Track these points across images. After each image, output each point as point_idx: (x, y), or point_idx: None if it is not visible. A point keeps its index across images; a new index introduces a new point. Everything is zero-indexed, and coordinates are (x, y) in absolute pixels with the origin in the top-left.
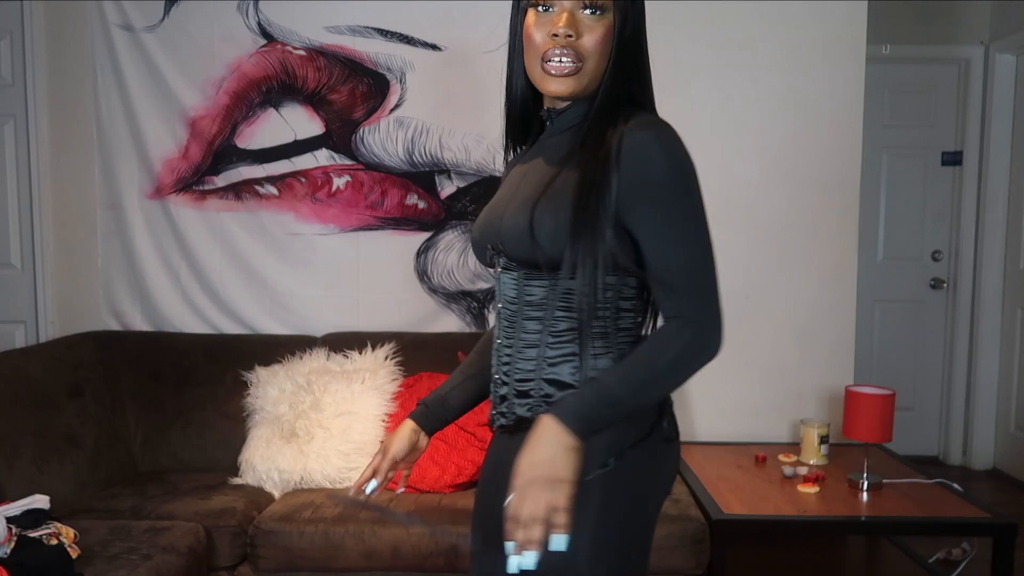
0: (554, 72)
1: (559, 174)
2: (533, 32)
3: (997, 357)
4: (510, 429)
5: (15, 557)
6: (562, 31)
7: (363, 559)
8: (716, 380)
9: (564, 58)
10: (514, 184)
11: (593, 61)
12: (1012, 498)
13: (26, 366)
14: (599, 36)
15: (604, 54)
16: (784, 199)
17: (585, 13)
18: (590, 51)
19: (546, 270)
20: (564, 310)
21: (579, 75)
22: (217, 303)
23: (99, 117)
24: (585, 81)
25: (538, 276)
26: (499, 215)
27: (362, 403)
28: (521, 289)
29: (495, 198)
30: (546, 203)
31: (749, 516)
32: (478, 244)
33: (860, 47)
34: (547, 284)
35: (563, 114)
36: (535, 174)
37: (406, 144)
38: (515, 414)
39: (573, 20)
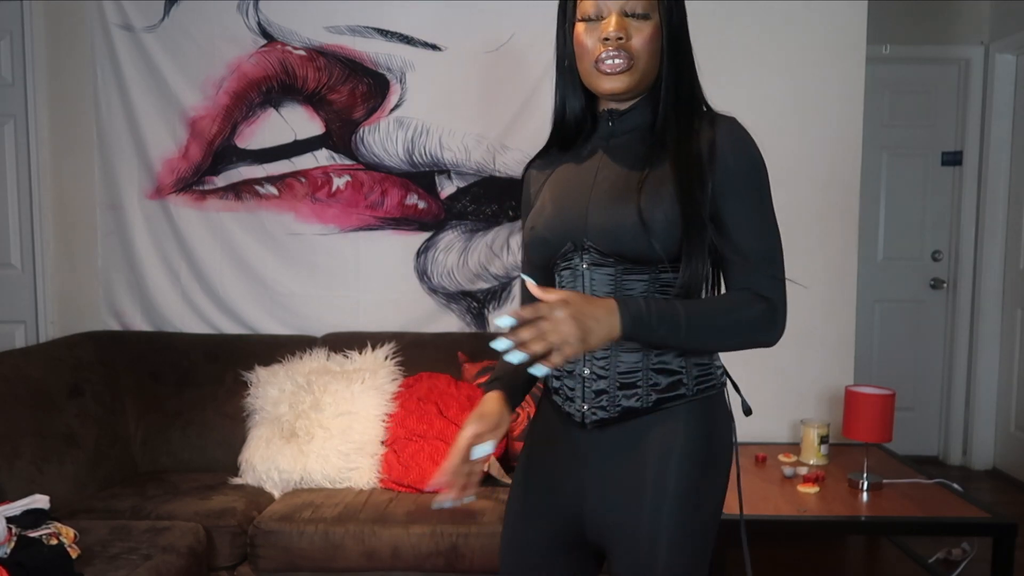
0: (607, 70)
1: (649, 173)
2: (584, 39)
3: (997, 357)
4: (611, 421)
5: (15, 557)
6: (612, 34)
7: (363, 559)
8: None
9: (616, 58)
10: (578, 182)
11: (644, 59)
12: (1012, 498)
13: (26, 366)
14: (647, 36)
15: (654, 52)
16: (784, 199)
17: (631, 19)
18: (640, 50)
19: (652, 264)
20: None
21: (631, 72)
22: (217, 303)
23: (99, 117)
24: (638, 77)
25: (638, 270)
26: (581, 213)
27: (362, 403)
28: (619, 283)
29: (556, 197)
30: (650, 201)
31: (749, 516)
32: (551, 243)
33: (860, 47)
34: (647, 277)
35: (625, 115)
36: (611, 173)
37: (406, 144)
38: (620, 406)
39: (622, 23)
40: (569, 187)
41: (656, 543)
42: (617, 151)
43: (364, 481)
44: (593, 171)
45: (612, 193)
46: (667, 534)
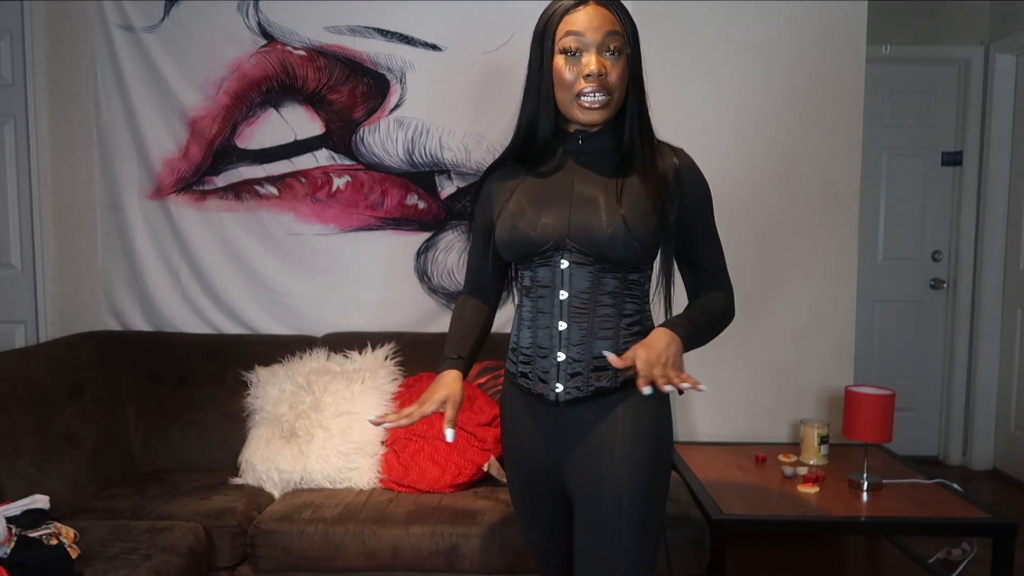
0: (588, 105)
1: (623, 186)
2: (565, 73)
3: (997, 357)
4: (584, 400)
5: (15, 557)
6: (595, 71)
7: (363, 559)
8: (716, 380)
9: (597, 94)
10: (555, 191)
11: (618, 92)
12: (1012, 498)
13: (26, 366)
14: (620, 71)
15: (624, 86)
16: (784, 199)
17: (608, 55)
18: (615, 84)
19: (627, 265)
20: (630, 297)
21: (609, 106)
22: (217, 303)
23: (99, 117)
24: (613, 109)
25: (613, 270)
26: (564, 218)
27: (362, 403)
28: (596, 281)
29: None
30: (632, 212)
31: (749, 516)
32: (535, 241)
33: (860, 47)
34: (620, 276)
35: (594, 137)
36: (587, 185)
37: (406, 144)
38: (592, 387)
39: (602, 61)
40: (547, 195)
41: (619, 496)
42: (587, 167)
43: (364, 481)
44: (569, 182)
45: (591, 203)
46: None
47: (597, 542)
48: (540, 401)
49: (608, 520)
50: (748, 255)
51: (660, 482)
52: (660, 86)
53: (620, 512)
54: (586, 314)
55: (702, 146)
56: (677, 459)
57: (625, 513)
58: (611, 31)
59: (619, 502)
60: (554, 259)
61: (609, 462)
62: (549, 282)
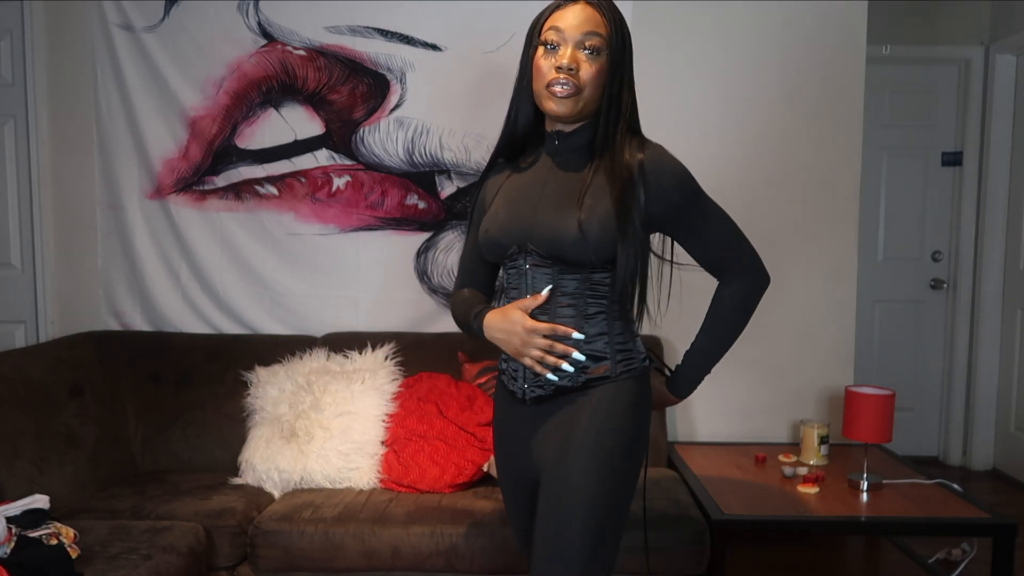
0: (557, 93)
1: (588, 187)
2: (541, 63)
3: (997, 357)
4: (547, 398)
5: (15, 557)
6: (565, 64)
7: (363, 559)
8: (716, 380)
9: (564, 84)
10: (529, 192)
11: (589, 90)
12: (1012, 498)
13: (26, 366)
14: (595, 70)
15: (598, 85)
16: (784, 199)
17: (584, 53)
18: (586, 81)
19: (585, 266)
20: (593, 297)
21: (577, 99)
22: (217, 303)
23: (99, 117)
24: (581, 105)
25: (572, 271)
26: (528, 219)
27: (362, 403)
28: (556, 282)
29: (508, 203)
30: (589, 212)
31: (749, 516)
32: (502, 244)
33: (860, 47)
34: (580, 277)
35: (570, 136)
36: (556, 186)
37: (406, 144)
38: (555, 386)
39: (576, 56)
40: (520, 196)
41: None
42: (561, 167)
43: (364, 481)
44: (541, 184)
45: (556, 204)
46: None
47: (550, 526)
48: (514, 398)
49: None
50: None
51: (620, 482)
52: (660, 87)
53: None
54: (547, 315)
55: (702, 146)
56: (677, 459)
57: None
58: (591, 31)
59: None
60: (519, 261)
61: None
62: (517, 283)
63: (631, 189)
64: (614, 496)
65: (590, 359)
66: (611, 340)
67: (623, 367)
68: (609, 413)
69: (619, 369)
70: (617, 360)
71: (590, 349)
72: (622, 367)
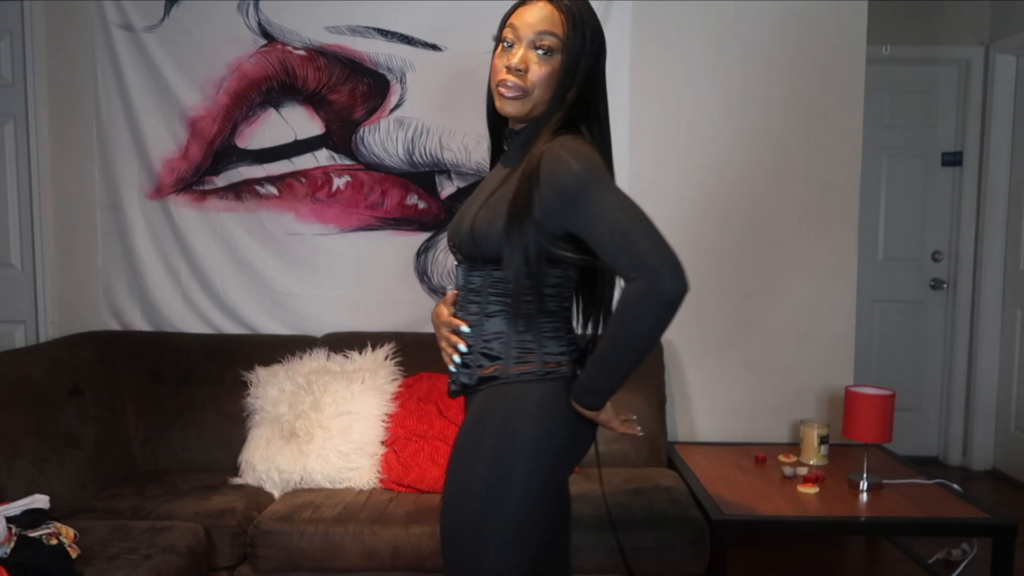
0: (504, 94)
1: (501, 186)
2: (496, 62)
3: (997, 357)
4: (456, 393)
5: (15, 557)
6: (514, 64)
7: (363, 559)
8: (716, 380)
9: (510, 85)
10: (477, 190)
11: (539, 91)
12: (1012, 498)
13: (26, 366)
14: (544, 72)
15: (549, 87)
16: (784, 199)
17: (538, 52)
18: (535, 83)
19: (482, 264)
20: (495, 296)
21: (524, 100)
22: (217, 303)
23: (99, 117)
24: (530, 106)
25: (477, 268)
26: (460, 218)
27: (362, 403)
28: (466, 279)
29: (466, 202)
30: (486, 211)
31: (749, 516)
32: (448, 239)
33: (860, 47)
34: (483, 274)
35: (518, 134)
36: (489, 184)
37: (406, 144)
38: (459, 382)
39: (525, 57)
40: (472, 193)
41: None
42: (506, 164)
43: (364, 481)
44: (486, 181)
45: (480, 202)
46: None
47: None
48: None
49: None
50: (748, 255)
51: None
52: (660, 87)
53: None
54: (461, 311)
55: (702, 147)
56: (677, 459)
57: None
58: (546, 30)
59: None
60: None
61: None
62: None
63: (526, 188)
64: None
65: (486, 358)
66: (508, 340)
67: (520, 369)
68: (482, 413)
69: (512, 371)
70: (512, 361)
71: (486, 347)
72: (519, 369)
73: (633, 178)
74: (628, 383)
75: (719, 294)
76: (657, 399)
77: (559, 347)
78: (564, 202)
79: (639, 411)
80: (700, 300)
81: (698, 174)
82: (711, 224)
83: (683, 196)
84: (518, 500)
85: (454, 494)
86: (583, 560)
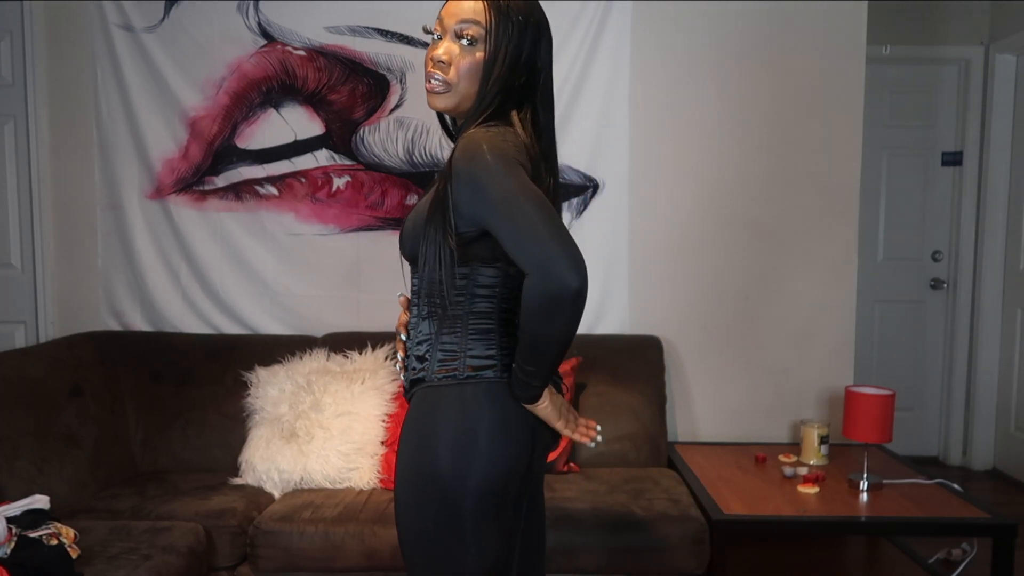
0: (429, 89)
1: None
2: (426, 55)
3: (997, 357)
4: (406, 396)
5: (15, 557)
6: (435, 56)
7: (363, 559)
8: (716, 380)
9: (434, 79)
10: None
11: (464, 83)
12: (1012, 498)
13: (26, 366)
14: (468, 63)
15: (473, 78)
16: (784, 199)
17: (462, 43)
18: (459, 75)
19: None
20: (426, 298)
21: (449, 94)
22: (217, 303)
23: (99, 117)
24: (456, 100)
25: (414, 270)
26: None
27: (362, 403)
28: (412, 281)
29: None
30: (414, 212)
31: (749, 516)
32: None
33: (860, 47)
34: (419, 277)
35: (459, 130)
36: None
37: (406, 144)
38: (409, 381)
39: (449, 48)
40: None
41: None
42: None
43: (364, 481)
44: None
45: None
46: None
47: None
48: None
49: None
50: (748, 255)
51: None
52: (659, 87)
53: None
54: (411, 314)
55: (702, 147)
56: (677, 459)
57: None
58: (467, 19)
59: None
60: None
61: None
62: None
63: (442, 184)
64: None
65: (417, 360)
66: (434, 343)
67: (442, 372)
68: (410, 419)
69: (435, 374)
70: (436, 364)
71: (417, 350)
72: (441, 372)
73: (633, 178)
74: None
75: (719, 294)
76: (657, 399)
77: (486, 350)
78: (469, 193)
79: (639, 411)
80: (700, 300)
81: (698, 174)
82: (711, 224)
83: (683, 196)
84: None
85: (396, 501)
86: (583, 560)
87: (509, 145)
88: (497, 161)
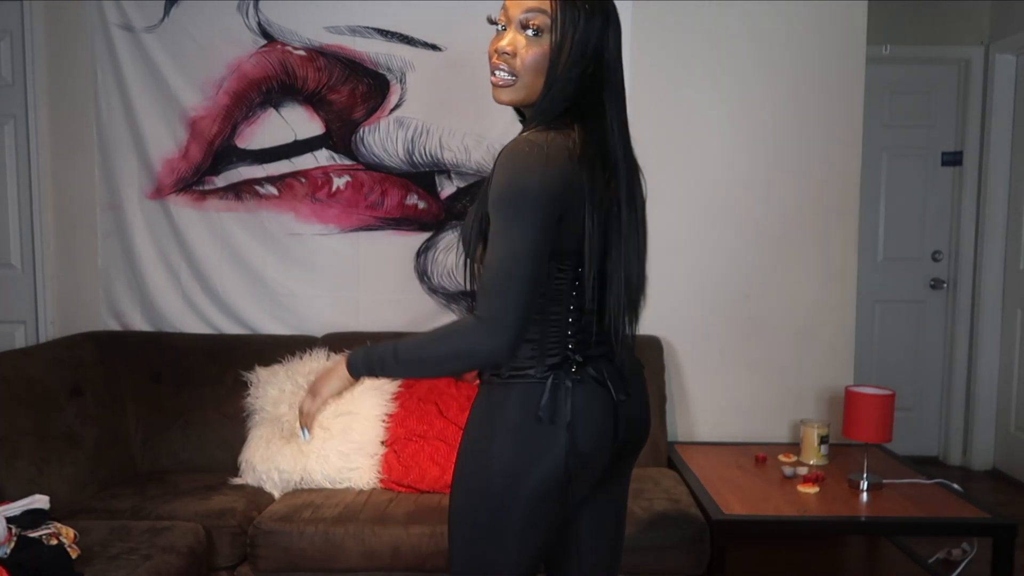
0: (493, 83)
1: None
2: (489, 46)
3: (997, 357)
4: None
5: (15, 557)
6: (500, 48)
7: (363, 559)
8: (716, 380)
9: (499, 71)
10: None
11: (529, 76)
12: (1012, 498)
13: (26, 366)
14: (533, 54)
15: (539, 70)
16: (784, 199)
17: (527, 33)
18: (524, 67)
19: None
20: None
21: (514, 87)
22: (217, 303)
23: (99, 117)
24: (523, 93)
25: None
26: None
27: (362, 403)
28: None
29: None
30: (473, 211)
31: (749, 516)
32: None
33: (860, 47)
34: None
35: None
36: None
37: (406, 144)
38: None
39: (514, 39)
40: None
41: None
42: None
43: (364, 481)
44: None
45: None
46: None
47: None
48: None
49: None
50: (748, 255)
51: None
52: (659, 87)
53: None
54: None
55: (702, 147)
56: (677, 459)
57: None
58: (533, 8)
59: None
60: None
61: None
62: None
63: (487, 184)
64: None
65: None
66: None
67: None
68: (471, 414)
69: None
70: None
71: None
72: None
73: None
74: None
75: (719, 294)
76: (657, 399)
77: (531, 351)
78: (494, 200)
79: None
80: (700, 300)
81: (698, 174)
82: (711, 224)
83: (683, 196)
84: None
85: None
86: None
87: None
88: (521, 186)
